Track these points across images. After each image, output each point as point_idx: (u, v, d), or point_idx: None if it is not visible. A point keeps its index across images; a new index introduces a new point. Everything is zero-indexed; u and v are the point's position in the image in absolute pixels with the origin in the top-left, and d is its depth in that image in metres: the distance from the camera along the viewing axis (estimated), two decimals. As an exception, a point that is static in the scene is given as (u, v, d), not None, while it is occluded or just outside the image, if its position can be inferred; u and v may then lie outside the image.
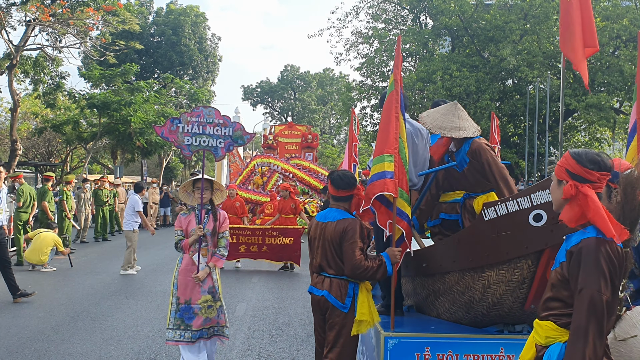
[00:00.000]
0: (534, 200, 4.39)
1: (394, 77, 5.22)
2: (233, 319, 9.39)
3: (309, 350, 7.69)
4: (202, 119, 6.73)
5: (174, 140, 6.73)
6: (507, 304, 4.86)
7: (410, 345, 5.02)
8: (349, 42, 38.42)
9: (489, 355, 5.01)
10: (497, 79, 32.66)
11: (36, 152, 43.30)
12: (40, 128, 37.07)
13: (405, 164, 5.08)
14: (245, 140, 6.87)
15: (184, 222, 6.64)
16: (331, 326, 5.04)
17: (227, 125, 6.80)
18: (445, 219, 6.07)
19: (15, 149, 27.14)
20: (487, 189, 5.68)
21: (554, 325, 3.03)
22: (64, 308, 10.02)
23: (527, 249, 4.52)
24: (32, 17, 26.01)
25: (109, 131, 33.96)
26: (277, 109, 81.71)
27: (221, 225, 6.70)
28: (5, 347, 7.59)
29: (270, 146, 29.03)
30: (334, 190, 5.16)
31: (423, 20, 37.70)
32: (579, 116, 33.69)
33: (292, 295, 11.54)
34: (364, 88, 37.36)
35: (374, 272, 4.91)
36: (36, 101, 37.46)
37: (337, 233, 5.00)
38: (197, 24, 56.14)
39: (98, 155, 46.07)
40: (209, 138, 6.74)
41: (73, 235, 19.71)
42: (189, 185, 6.87)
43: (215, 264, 6.60)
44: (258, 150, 65.85)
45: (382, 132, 5.21)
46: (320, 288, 5.09)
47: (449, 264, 5.27)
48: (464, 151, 5.73)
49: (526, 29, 31.58)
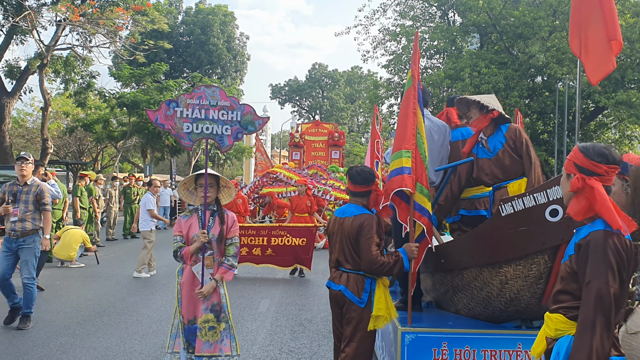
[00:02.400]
0: (550, 195, 4.39)
1: (411, 73, 5.23)
2: (256, 315, 9.48)
3: (330, 346, 7.71)
4: (204, 101, 5.74)
5: (171, 128, 5.72)
6: (525, 299, 4.86)
7: (428, 341, 5.04)
8: (376, 40, 38.37)
9: (507, 351, 5.01)
10: (526, 76, 32.33)
11: (67, 150, 43.90)
12: (71, 127, 37.56)
13: (424, 159, 5.08)
14: (257, 127, 5.83)
15: (184, 226, 5.68)
16: (348, 321, 5.08)
17: (235, 108, 5.77)
18: (465, 215, 6.06)
19: (46, 148, 27.52)
20: (519, 174, 5.64)
21: (563, 318, 3.04)
22: (91, 303, 10.17)
23: (543, 244, 4.52)
24: (62, 17, 26.31)
25: (138, 130, 34.29)
26: (305, 108, 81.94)
27: (229, 229, 5.72)
28: (31, 341, 7.73)
29: (297, 144, 29.14)
30: (352, 186, 5.20)
31: (451, 17, 37.47)
32: (608, 113, 33.22)
33: (316, 292, 11.59)
34: (391, 86, 37.24)
35: (390, 268, 4.93)
36: (67, 100, 37.98)
37: (354, 228, 5.04)
38: (226, 23, 56.46)
39: (128, 154, 46.62)
40: (213, 124, 5.73)
41: (102, 234, 19.98)
42: (191, 182, 5.88)
43: (222, 277, 5.62)
44: (286, 149, 65.99)
45: (400, 127, 5.24)
46: (338, 283, 5.13)
47: (467, 260, 5.28)
48: (501, 133, 5.71)
49: (555, 25, 31.22)
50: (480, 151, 5.81)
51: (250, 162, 64.96)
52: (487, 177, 5.79)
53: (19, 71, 26.83)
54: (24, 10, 24.25)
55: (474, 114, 5.83)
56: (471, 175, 5.93)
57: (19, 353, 7.19)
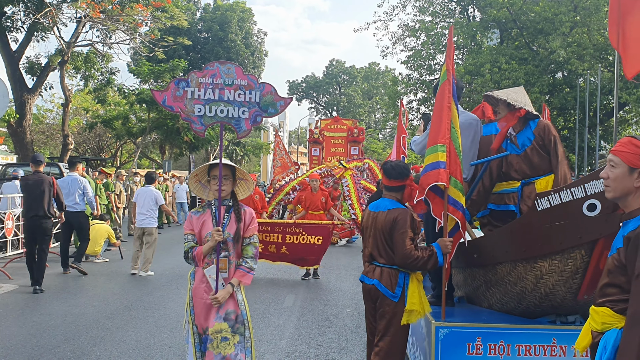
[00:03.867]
0: (588, 189, 4.36)
1: (446, 67, 5.22)
2: (282, 309, 9.51)
3: (357, 341, 7.73)
4: (218, 79, 5.08)
5: (181, 111, 5.14)
6: (560, 294, 4.84)
7: (462, 335, 5.03)
8: (396, 36, 38.31)
9: (541, 346, 5.00)
10: (546, 71, 32.17)
11: (87, 147, 44.22)
12: (91, 123, 37.85)
13: (459, 153, 5.08)
14: (279, 109, 5.15)
15: (196, 224, 4.98)
16: (382, 315, 5.09)
17: (253, 87, 5.09)
18: (494, 210, 6.05)
19: (67, 144, 27.75)
20: (547, 171, 5.61)
21: (610, 312, 3.01)
22: (118, 297, 10.25)
23: (580, 238, 4.50)
24: (82, 14, 26.52)
25: (157, 126, 34.48)
26: (322, 104, 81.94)
27: (247, 227, 4.97)
28: (62, 334, 7.80)
29: (317, 140, 29.02)
30: (386, 180, 5.20)
31: (471, 13, 37.38)
32: (630, 109, 32.99)
33: (340, 287, 11.60)
34: (410, 82, 37.17)
35: (424, 262, 4.93)
36: (87, 97, 38.25)
37: (387, 223, 5.04)
38: (244, 20, 56.47)
39: (147, 150, 46.85)
40: (229, 106, 5.08)
41: (124, 229, 20.13)
42: (203, 174, 5.16)
43: (240, 281, 4.90)
44: (303, 145, 66.01)
45: (434, 122, 5.23)
46: (371, 277, 5.14)
47: (501, 255, 5.26)
48: (529, 130, 5.68)
49: (576, 21, 31.04)
50: (509, 147, 5.79)
51: (268, 158, 65.15)
52: (515, 172, 5.77)
53: (40, 68, 27.07)
54: (44, 7, 24.44)
55: (501, 110, 5.80)
56: (501, 170, 5.91)
57: (50, 346, 7.25)
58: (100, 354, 7.02)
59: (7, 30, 25.36)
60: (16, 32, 26.11)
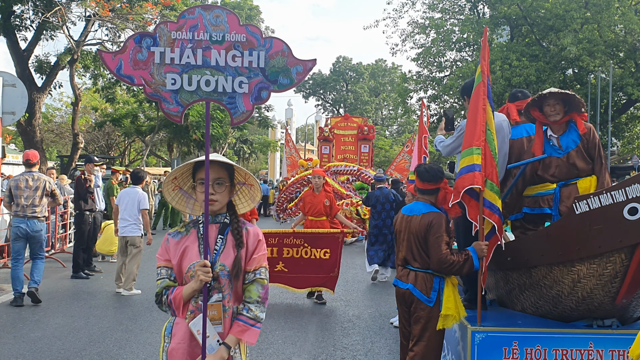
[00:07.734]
0: (629, 193, 4.30)
1: (480, 69, 5.16)
2: (303, 311, 9.46)
3: (383, 344, 7.69)
4: (201, 34, 3.30)
5: (145, 83, 3.32)
6: (598, 298, 4.78)
7: (498, 340, 4.98)
8: (405, 33, 38.22)
9: (578, 350, 4.95)
10: (557, 68, 32.01)
11: (95, 145, 44.26)
12: (100, 122, 37.87)
13: (494, 156, 5.02)
14: (295, 77, 3.36)
15: (173, 251, 3.31)
16: (416, 320, 5.05)
17: (255, 45, 3.33)
18: (528, 213, 5.97)
19: (77, 143, 27.74)
20: (584, 174, 5.50)
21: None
22: (139, 298, 10.22)
23: (620, 242, 4.44)
24: (92, 13, 26.47)
25: (166, 124, 34.48)
26: (329, 101, 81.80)
27: (251, 256, 3.26)
28: (86, 337, 7.77)
29: (327, 138, 29.01)
30: (420, 183, 5.16)
31: (481, 10, 37.21)
32: (641, 106, 32.91)
33: (358, 288, 11.57)
34: (420, 79, 37.09)
35: (460, 267, 4.89)
36: (95, 95, 38.26)
37: (422, 226, 5.00)
38: (251, 17, 56.40)
39: (155, 148, 46.86)
40: (218, 75, 3.33)
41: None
42: (186, 177, 3.44)
43: (240, 339, 3.17)
44: (310, 142, 65.88)
45: (469, 124, 5.17)
46: (405, 281, 5.10)
47: (537, 258, 5.19)
48: (575, 132, 5.56)
49: (587, 17, 30.87)
50: (549, 149, 5.68)
51: (276, 156, 64.92)
52: (552, 175, 5.68)
53: (49, 66, 27.04)
54: (53, 6, 24.41)
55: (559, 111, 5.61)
56: (535, 172, 5.83)
57: (76, 349, 7.23)
58: (127, 357, 7.00)
59: (16, 29, 25.31)
60: (25, 31, 26.06)
